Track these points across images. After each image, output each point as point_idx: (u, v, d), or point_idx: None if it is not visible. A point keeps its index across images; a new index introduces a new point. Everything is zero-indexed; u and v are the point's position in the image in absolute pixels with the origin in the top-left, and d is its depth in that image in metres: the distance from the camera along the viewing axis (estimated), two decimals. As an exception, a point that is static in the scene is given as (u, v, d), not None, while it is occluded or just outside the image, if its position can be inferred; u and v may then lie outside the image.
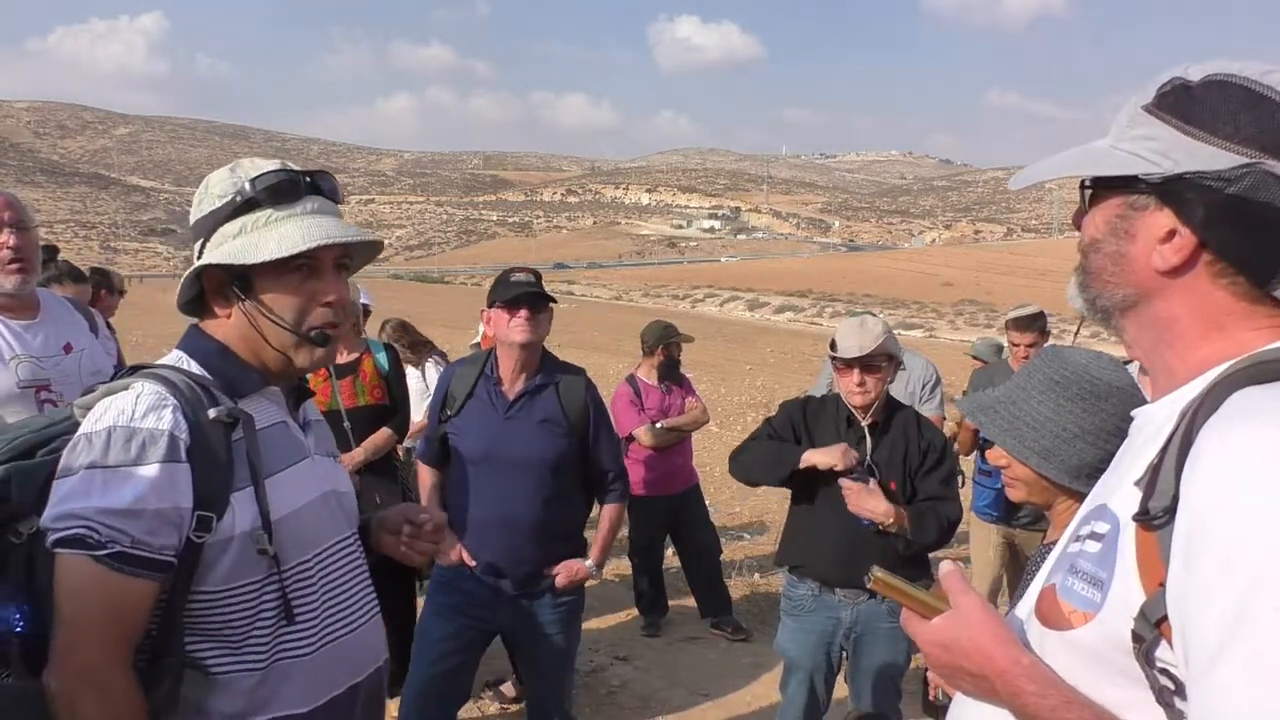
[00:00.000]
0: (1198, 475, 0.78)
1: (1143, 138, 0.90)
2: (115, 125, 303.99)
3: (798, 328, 57.39)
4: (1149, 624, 0.80)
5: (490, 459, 2.78)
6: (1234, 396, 0.81)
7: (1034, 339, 4.42)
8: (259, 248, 1.34)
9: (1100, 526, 0.91)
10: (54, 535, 1.23)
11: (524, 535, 2.77)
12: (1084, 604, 0.88)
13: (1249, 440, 0.76)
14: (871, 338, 2.85)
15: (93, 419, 1.29)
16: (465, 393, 2.84)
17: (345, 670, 1.48)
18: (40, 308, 2.52)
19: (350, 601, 1.49)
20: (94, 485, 1.23)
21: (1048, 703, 0.88)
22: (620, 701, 4.14)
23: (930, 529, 2.77)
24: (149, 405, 1.29)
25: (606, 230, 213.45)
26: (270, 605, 1.36)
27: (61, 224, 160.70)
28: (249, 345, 1.41)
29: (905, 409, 3.03)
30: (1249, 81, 0.86)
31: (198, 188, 1.44)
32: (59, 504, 1.24)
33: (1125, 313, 0.95)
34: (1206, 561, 0.74)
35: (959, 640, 0.97)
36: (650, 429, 4.91)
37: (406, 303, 25.25)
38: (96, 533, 1.22)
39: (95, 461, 1.24)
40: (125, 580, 1.23)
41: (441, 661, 2.82)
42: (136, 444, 1.26)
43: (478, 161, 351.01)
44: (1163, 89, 0.90)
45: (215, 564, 1.31)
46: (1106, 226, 0.94)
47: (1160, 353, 0.94)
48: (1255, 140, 0.83)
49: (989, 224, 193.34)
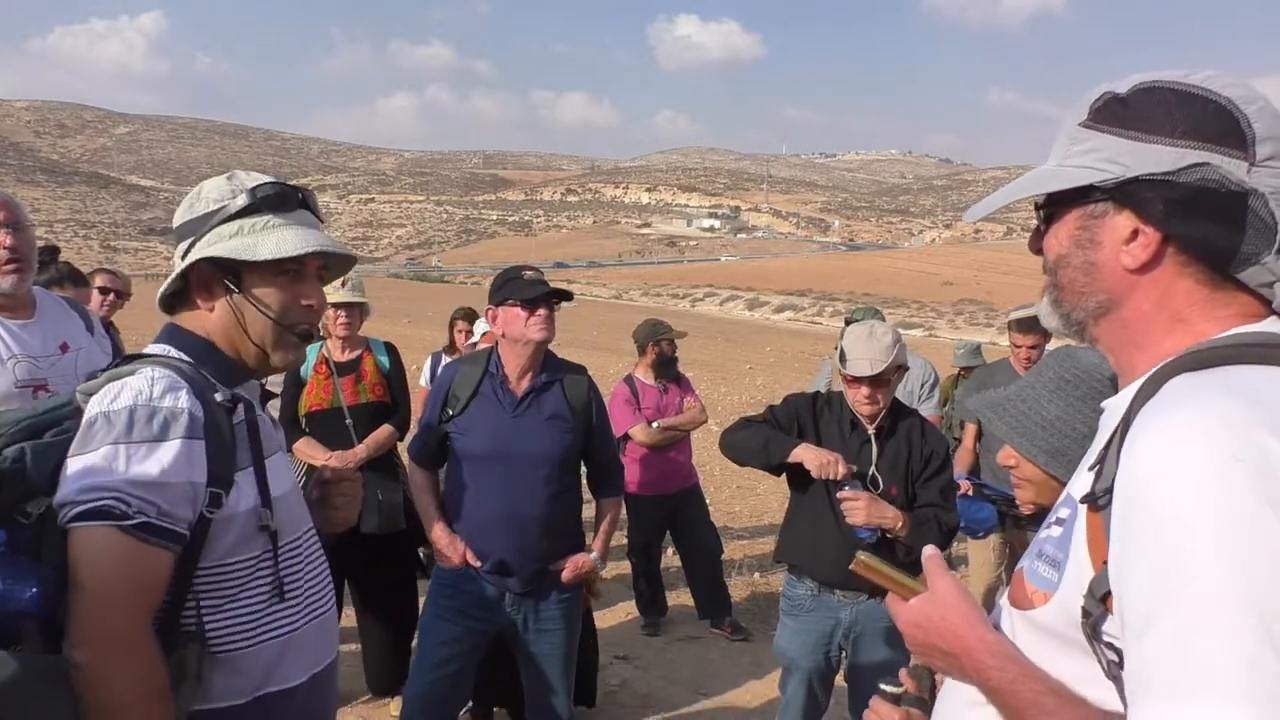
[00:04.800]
0: (1127, 458, 0.82)
1: (1088, 150, 0.94)
2: (115, 125, 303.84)
3: (797, 327, 57.40)
4: (1095, 600, 0.84)
5: (498, 456, 2.77)
6: (1169, 383, 0.86)
7: (1037, 340, 4.40)
8: (258, 247, 1.44)
9: (1063, 512, 0.96)
10: (78, 508, 1.25)
11: (532, 531, 2.77)
12: (1044, 584, 0.93)
13: (1171, 423, 0.80)
14: (883, 351, 2.80)
15: (106, 400, 1.33)
16: (470, 391, 2.82)
17: (325, 646, 1.59)
18: (36, 307, 2.52)
19: (322, 585, 1.60)
20: (119, 459, 1.28)
21: (1006, 676, 0.93)
22: (620, 701, 4.14)
23: (930, 537, 2.76)
24: (165, 386, 1.35)
25: (606, 229, 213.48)
26: (264, 581, 1.45)
27: (61, 223, 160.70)
28: (229, 339, 1.50)
29: (910, 414, 3.01)
30: (1174, 83, 0.91)
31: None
32: (81, 478, 1.27)
33: (1099, 321, 0.98)
34: (1133, 539, 0.79)
35: (932, 619, 1.04)
36: (646, 428, 4.92)
37: (407, 302, 25.26)
38: (125, 503, 1.26)
39: (119, 438, 1.29)
40: (151, 551, 1.28)
41: (445, 665, 2.80)
42: (159, 421, 1.31)
43: (478, 161, 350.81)
44: (1095, 104, 0.95)
45: (219, 539, 1.38)
46: (1070, 240, 0.97)
47: (1129, 353, 0.97)
48: (1193, 133, 0.88)
49: (989, 223, 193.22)
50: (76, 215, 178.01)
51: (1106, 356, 1.02)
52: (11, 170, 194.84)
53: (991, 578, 4.56)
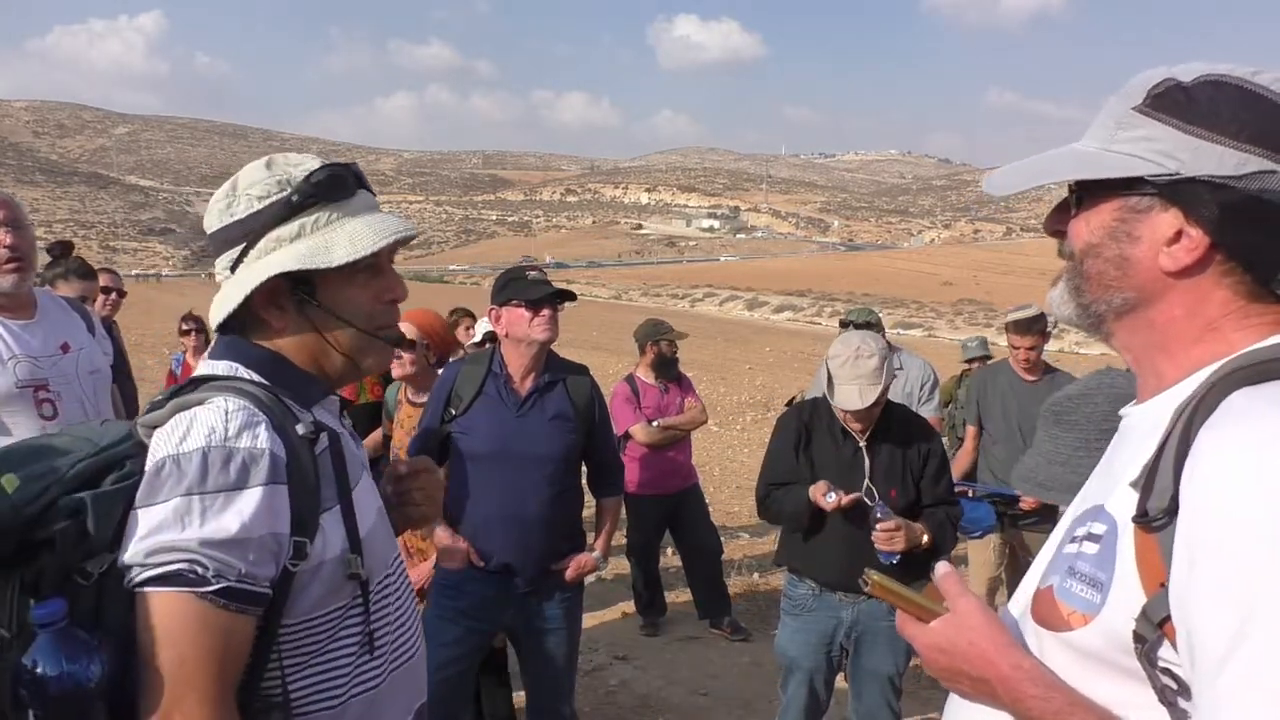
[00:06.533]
0: (1196, 477, 0.78)
1: (1141, 139, 0.89)
2: (114, 125, 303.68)
3: (797, 327, 57.42)
4: (1151, 624, 0.80)
5: (502, 456, 2.77)
6: (1232, 397, 0.81)
7: (1034, 342, 4.41)
8: (331, 250, 1.22)
9: (1097, 528, 0.91)
10: (147, 572, 1.08)
11: (536, 531, 2.78)
12: (1084, 605, 0.88)
13: (1246, 443, 0.76)
14: (871, 374, 2.74)
15: (174, 439, 1.13)
16: (474, 391, 2.82)
17: (416, 690, 1.40)
18: (37, 307, 2.52)
19: (412, 623, 1.40)
20: (192, 513, 1.09)
21: (1052, 706, 0.87)
22: (619, 701, 4.14)
23: (949, 536, 2.84)
24: (242, 422, 1.14)
25: (606, 230, 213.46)
26: (353, 633, 1.26)
27: (60, 223, 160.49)
28: (309, 353, 1.29)
29: (897, 409, 3.01)
30: (1244, 81, 0.86)
31: (218, 189, 1.29)
32: (150, 536, 1.09)
33: (1121, 317, 0.94)
34: (1208, 568, 0.74)
35: (957, 644, 0.96)
36: (646, 427, 4.93)
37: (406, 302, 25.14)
38: (202, 566, 1.08)
39: (191, 487, 1.10)
40: (231, 618, 1.11)
41: (449, 667, 2.80)
42: (236, 465, 1.12)
43: (477, 161, 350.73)
44: (1155, 90, 0.89)
45: (304, 593, 1.19)
46: (1104, 230, 0.92)
47: (1151, 356, 0.93)
48: (1259, 139, 0.84)
49: (988, 223, 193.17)
50: (75, 215, 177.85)
51: (1122, 354, 0.98)
52: (11, 170, 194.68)
53: (991, 577, 4.57)
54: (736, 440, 12.72)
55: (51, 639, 1.02)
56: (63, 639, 1.03)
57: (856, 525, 2.81)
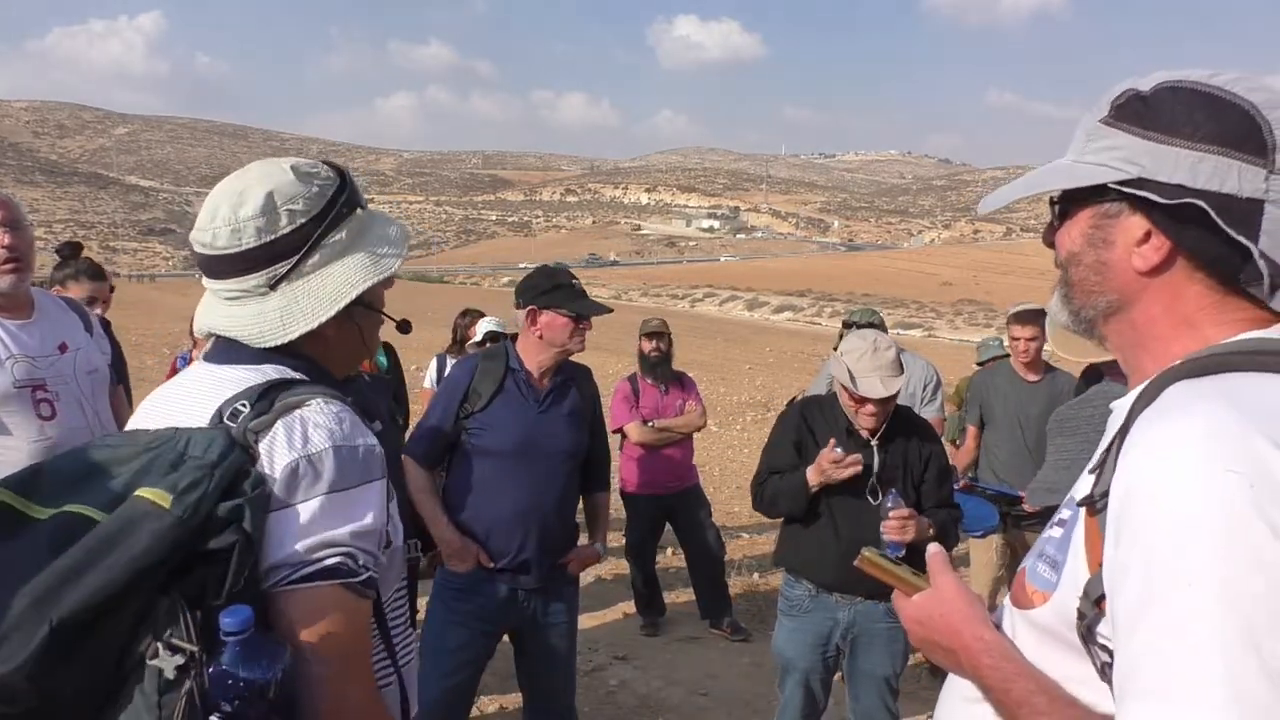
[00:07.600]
0: (1125, 463, 0.83)
1: (1106, 148, 0.93)
2: (114, 125, 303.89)
3: (796, 327, 57.46)
4: (1090, 601, 0.85)
5: (524, 452, 2.77)
6: (1168, 389, 0.86)
7: (1035, 333, 4.43)
8: (380, 260, 1.27)
9: (1065, 514, 0.96)
10: (309, 568, 1.10)
11: (553, 525, 2.82)
12: (1043, 585, 0.94)
13: (1166, 431, 0.81)
14: (890, 366, 2.80)
15: (296, 441, 1.13)
16: (494, 388, 2.80)
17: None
18: (35, 307, 2.51)
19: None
20: (338, 509, 1.13)
21: (1000, 674, 0.94)
22: (619, 701, 4.14)
23: (951, 536, 2.88)
24: (350, 419, 1.18)
25: (605, 230, 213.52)
26: (403, 612, 1.35)
27: (60, 224, 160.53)
28: (342, 354, 1.31)
29: (901, 411, 3.01)
30: (1198, 84, 0.89)
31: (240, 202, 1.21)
32: (305, 535, 1.11)
33: (1108, 320, 0.98)
34: (1124, 543, 0.80)
35: (933, 616, 1.05)
36: (640, 426, 4.94)
37: (406, 303, 25.19)
38: (354, 559, 1.13)
39: (332, 485, 1.13)
40: (367, 606, 1.17)
41: (458, 672, 2.78)
42: (361, 461, 1.17)
43: (477, 161, 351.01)
44: (1117, 101, 0.94)
45: (385, 579, 1.24)
46: (1083, 238, 0.96)
47: (1136, 355, 0.97)
48: (1215, 137, 0.86)
49: (988, 224, 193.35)
50: (75, 215, 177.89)
51: (1116, 355, 1.02)
52: (10, 170, 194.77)
53: (993, 577, 4.56)
54: (736, 440, 12.71)
55: (243, 646, 1.02)
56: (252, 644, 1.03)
57: (854, 526, 2.81)
